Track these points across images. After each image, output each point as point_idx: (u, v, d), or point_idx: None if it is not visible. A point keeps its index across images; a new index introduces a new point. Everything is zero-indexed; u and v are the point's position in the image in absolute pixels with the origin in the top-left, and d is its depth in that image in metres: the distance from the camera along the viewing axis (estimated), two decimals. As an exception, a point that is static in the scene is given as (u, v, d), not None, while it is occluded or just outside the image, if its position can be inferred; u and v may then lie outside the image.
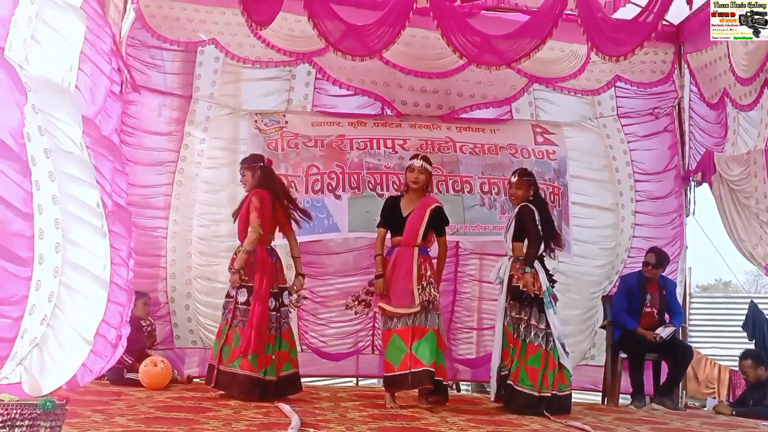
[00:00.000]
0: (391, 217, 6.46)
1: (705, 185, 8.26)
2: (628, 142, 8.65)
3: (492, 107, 8.56)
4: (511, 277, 6.40)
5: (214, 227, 8.05)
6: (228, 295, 6.41)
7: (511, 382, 6.24)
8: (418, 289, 6.19)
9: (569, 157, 8.48)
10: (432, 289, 6.21)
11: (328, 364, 8.52)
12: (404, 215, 6.37)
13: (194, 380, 7.58)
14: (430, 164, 6.54)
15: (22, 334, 4.17)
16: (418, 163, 6.43)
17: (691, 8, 6.26)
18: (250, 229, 6.25)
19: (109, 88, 5.64)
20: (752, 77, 6.78)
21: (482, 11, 7.86)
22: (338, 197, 7.94)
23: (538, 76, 8.30)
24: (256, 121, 8.05)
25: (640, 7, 7.09)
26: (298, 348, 7.06)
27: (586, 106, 8.74)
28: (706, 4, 7.28)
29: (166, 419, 5.09)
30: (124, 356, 6.67)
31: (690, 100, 8.49)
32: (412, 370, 6.10)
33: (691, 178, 8.52)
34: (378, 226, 6.56)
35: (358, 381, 9.07)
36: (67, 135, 4.67)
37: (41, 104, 4.39)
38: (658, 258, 7.70)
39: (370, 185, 7.99)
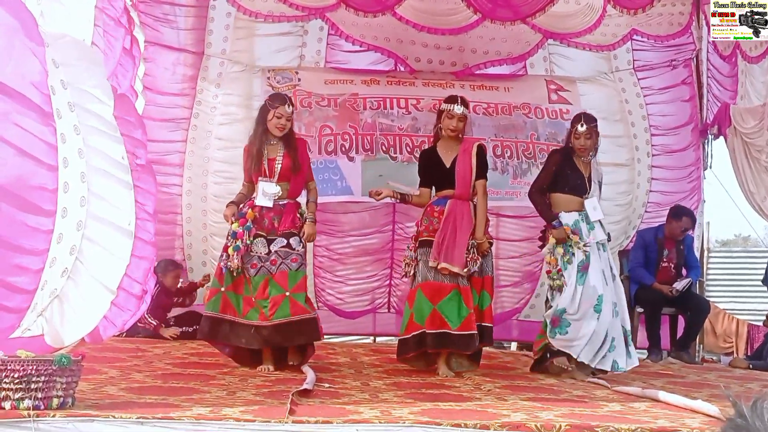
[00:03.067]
0: (433, 172, 5.82)
1: (721, 138, 8.18)
2: (645, 96, 8.55)
3: (506, 64, 8.45)
4: None
5: (229, 185, 8.02)
6: None
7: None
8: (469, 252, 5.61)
9: (584, 115, 8.38)
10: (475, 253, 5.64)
11: (345, 321, 8.55)
12: (447, 165, 5.74)
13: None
14: (468, 108, 5.96)
15: (42, 286, 4.22)
16: (459, 109, 5.72)
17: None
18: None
19: (123, 44, 5.61)
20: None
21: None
22: (351, 159, 7.92)
23: (553, 31, 8.15)
24: (268, 78, 8.03)
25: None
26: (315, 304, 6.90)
27: (602, 61, 8.63)
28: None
29: (183, 375, 5.14)
30: (147, 316, 6.88)
31: (708, 52, 8.36)
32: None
33: (708, 131, 8.44)
34: (421, 186, 5.94)
35: (375, 339, 9.12)
36: (90, 91, 4.69)
37: (62, 59, 4.40)
38: (693, 222, 7.66)
39: (384, 147, 7.96)
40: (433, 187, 5.86)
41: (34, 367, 3.42)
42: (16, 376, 3.38)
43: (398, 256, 8.58)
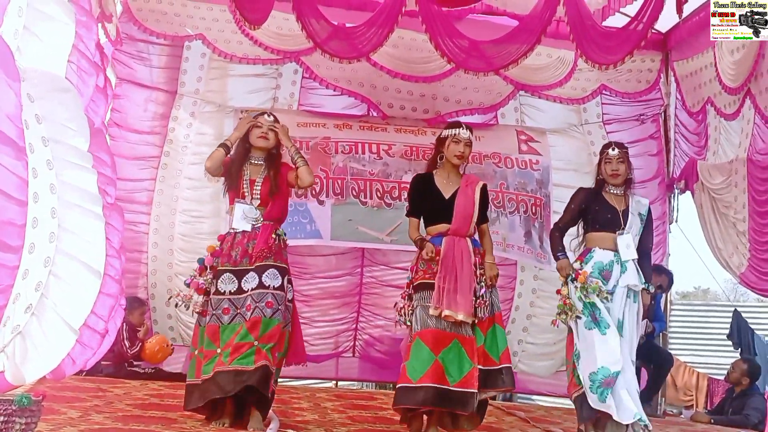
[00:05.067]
0: (429, 201, 5.29)
1: (688, 193, 8.29)
2: (614, 150, 8.64)
3: (478, 113, 8.52)
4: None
5: (197, 224, 8.01)
6: None
7: None
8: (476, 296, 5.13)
9: (552, 166, 8.48)
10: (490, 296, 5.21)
11: (308, 365, 8.45)
12: (447, 197, 5.27)
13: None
14: (473, 133, 5.47)
15: (5, 322, 4.14)
16: (465, 133, 5.30)
17: (681, 17, 6.25)
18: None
19: (96, 82, 5.60)
20: (740, 87, 6.81)
21: (470, 15, 7.82)
22: (321, 203, 7.92)
23: (524, 83, 8.26)
24: (240, 119, 7.99)
25: (628, 16, 7.09)
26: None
27: (572, 113, 8.73)
28: (694, 13, 7.33)
29: (143, 418, 5.06)
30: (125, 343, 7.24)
31: (675, 107, 8.51)
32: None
33: (675, 186, 8.55)
34: (409, 215, 5.39)
35: (337, 383, 9.05)
36: (65, 124, 4.66)
37: (37, 93, 4.37)
38: (669, 283, 7.71)
39: (354, 192, 7.96)
40: (422, 219, 5.35)
41: (-6, 406, 3.36)
42: (-25, 415, 3.30)
43: (366, 301, 8.60)
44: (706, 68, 7.57)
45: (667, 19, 6.83)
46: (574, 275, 5.36)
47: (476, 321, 5.09)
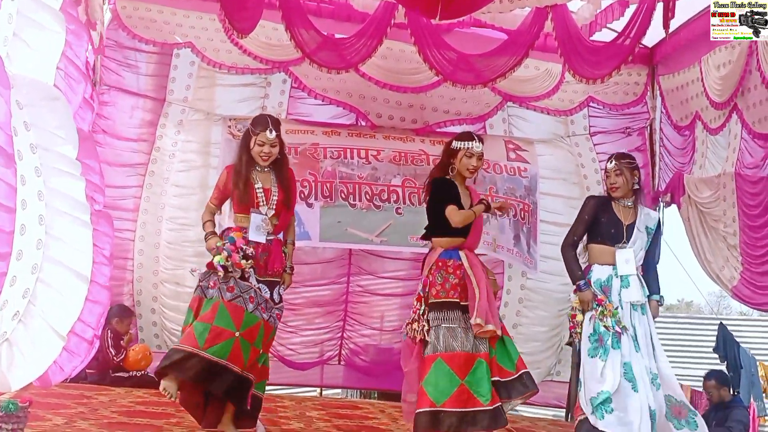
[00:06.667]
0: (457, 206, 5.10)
1: (673, 206, 8.33)
2: (600, 161, 8.71)
3: (466, 124, 8.53)
4: None
5: (184, 231, 8.00)
6: None
7: None
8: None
9: (540, 175, 8.53)
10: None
11: (293, 372, 8.49)
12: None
13: None
14: (483, 144, 5.35)
15: (-8, 328, 4.14)
16: (479, 147, 5.19)
17: (667, 33, 6.30)
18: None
19: (84, 90, 5.60)
20: (726, 102, 6.87)
21: (459, 28, 7.86)
22: (310, 205, 7.92)
23: (512, 94, 8.30)
24: (229, 127, 8.02)
25: (615, 31, 7.16)
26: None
27: (559, 124, 8.79)
28: (680, 28, 7.40)
29: (129, 425, 5.06)
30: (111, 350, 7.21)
31: (661, 121, 8.57)
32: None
33: (660, 199, 8.60)
34: (450, 203, 5.08)
35: (321, 391, 9.06)
36: (54, 132, 4.66)
37: (26, 101, 4.37)
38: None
39: (343, 195, 7.98)
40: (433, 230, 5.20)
41: (-20, 413, 3.35)
42: (-38, 422, 3.30)
43: (351, 309, 8.62)
44: (693, 83, 7.62)
45: (653, 34, 6.89)
46: (597, 303, 5.19)
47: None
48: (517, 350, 5.10)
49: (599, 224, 5.32)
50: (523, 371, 5.02)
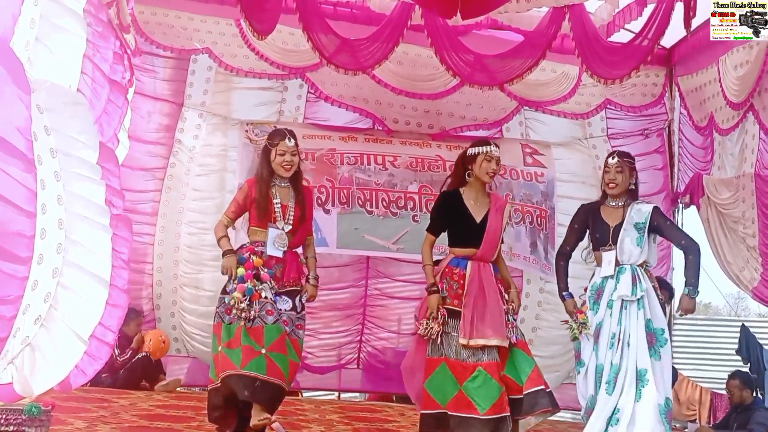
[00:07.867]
0: (459, 222, 5.12)
1: (692, 207, 8.29)
2: (618, 164, 8.66)
3: (482, 129, 8.54)
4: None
5: (202, 235, 8.01)
6: None
7: None
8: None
9: (557, 178, 8.51)
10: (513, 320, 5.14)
11: (311, 376, 8.49)
12: (478, 221, 5.11)
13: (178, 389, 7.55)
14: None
15: (14, 333, 4.16)
16: (497, 151, 5.14)
17: (688, 32, 6.24)
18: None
19: (110, 94, 5.63)
20: (743, 102, 6.84)
21: (476, 30, 7.85)
22: (327, 212, 7.93)
23: (528, 99, 8.28)
24: (246, 131, 8.04)
25: (633, 32, 7.13)
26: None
27: (576, 127, 8.76)
28: (698, 29, 7.36)
29: (149, 428, 5.06)
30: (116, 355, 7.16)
31: (680, 122, 8.54)
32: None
33: (679, 200, 8.56)
34: (428, 230, 5.20)
35: (340, 395, 9.05)
36: (74, 137, 4.68)
37: (47, 105, 4.40)
38: (671, 295, 7.68)
39: (360, 201, 7.99)
40: (443, 235, 5.21)
41: (4, 416, 3.39)
42: (-16, 425, 3.32)
43: (370, 312, 8.61)
44: (710, 83, 7.60)
45: (671, 35, 6.86)
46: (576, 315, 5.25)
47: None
48: (531, 363, 5.07)
49: (592, 231, 5.32)
50: (533, 389, 4.96)
